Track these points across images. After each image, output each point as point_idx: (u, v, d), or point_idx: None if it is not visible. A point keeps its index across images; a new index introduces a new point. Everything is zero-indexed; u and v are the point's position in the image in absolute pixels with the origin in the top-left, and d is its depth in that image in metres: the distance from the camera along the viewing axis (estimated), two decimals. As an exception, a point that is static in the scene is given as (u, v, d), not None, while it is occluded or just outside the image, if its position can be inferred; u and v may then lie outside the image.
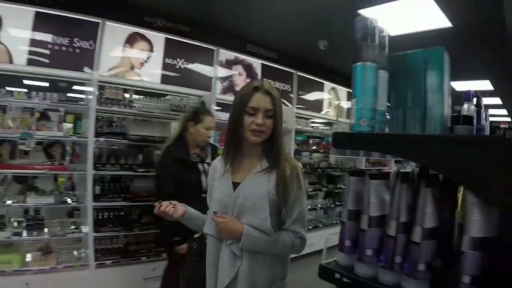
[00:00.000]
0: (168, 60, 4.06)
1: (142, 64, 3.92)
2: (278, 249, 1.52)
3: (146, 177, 3.76)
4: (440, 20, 3.40)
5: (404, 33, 3.71)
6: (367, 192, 0.97)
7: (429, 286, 0.84)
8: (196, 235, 1.80)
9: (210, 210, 1.63)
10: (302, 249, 1.59)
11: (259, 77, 4.95)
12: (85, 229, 3.44)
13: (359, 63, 0.94)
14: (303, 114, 5.85)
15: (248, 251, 1.50)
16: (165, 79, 4.07)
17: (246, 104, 1.53)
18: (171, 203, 1.64)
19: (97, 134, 3.52)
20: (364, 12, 3.29)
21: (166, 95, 4.30)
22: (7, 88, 3.34)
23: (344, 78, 6.37)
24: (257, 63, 4.94)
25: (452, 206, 0.88)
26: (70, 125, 3.82)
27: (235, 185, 1.57)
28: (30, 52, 3.29)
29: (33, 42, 3.29)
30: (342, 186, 6.32)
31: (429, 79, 0.92)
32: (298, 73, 5.59)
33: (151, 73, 3.99)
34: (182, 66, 4.17)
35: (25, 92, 3.37)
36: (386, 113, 0.99)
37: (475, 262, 0.73)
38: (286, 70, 5.41)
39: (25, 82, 5.48)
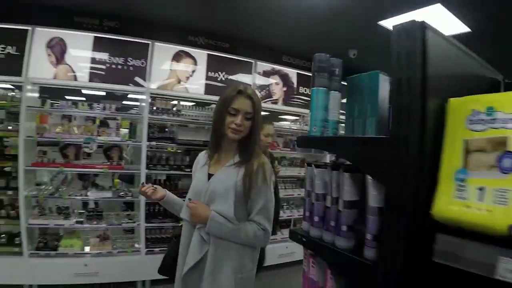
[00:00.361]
0: (210, 74, 4.50)
1: (187, 77, 4.40)
2: (240, 237, 1.60)
3: (190, 175, 4.20)
4: (458, 25, 3.45)
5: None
6: (313, 176, 1.24)
7: (353, 243, 1.08)
8: (180, 224, 1.90)
9: (186, 197, 1.75)
10: (266, 241, 1.67)
11: (295, 85, 5.21)
12: (138, 220, 3.91)
13: (314, 88, 1.23)
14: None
15: (216, 237, 1.60)
16: (208, 90, 4.50)
17: (229, 105, 1.63)
18: (152, 185, 1.80)
19: (150, 139, 4.01)
20: (384, 23, 3.45)
21: (210, 104, 4.71)
22: (68, 97, 3.95)
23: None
24: (293, 73, 5.20)
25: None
26: (126, 131, 4.35)
27: (210, 176, 1.70)
28: (91, 70, 3.92)
29: (93, 62, 3.92)
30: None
31: (380, 93, 1.16)
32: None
33: (196, 85, 4.45)
34: (224, 78, 4.59)
35: (88, 103, 4.00)
36: (337, 122, 1.26)
37: (374, 225, 0.98)
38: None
39: (86, 93, 6.16)
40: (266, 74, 4.95)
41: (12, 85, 3.91)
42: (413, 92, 0.83)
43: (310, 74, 1.19)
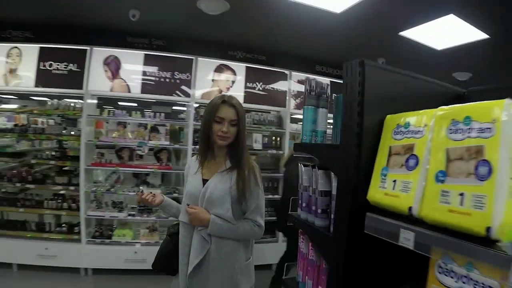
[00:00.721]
0: (249, 84, 4.95)
1: (228, 88, 4.88)
2: (239, 234, 1.78)
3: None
4: (476, 33, 3.56)
5: (452, 46, 3.93)
6: (302, 173, 1.58)
7: (327, 223, 1.40)
8: (174, 223, 2.05)
9: (183, 202, 1.87)
10: (261, 234, 1.86)
11: (329, 93, 5.36)
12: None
13: (304, 106, 1.57)
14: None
15: (215, 236, 1.75)
16: (247, 99, 4.94)
17: (215, 114, 1.77)
18: (151, 192, 1.92)
19: (195, 143, 4.47)
20: (405, 33, 3.65)
21: (249, 111, 5.08)
22: (122, 104, 4.53)
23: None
24: (326, 81, 5.36)
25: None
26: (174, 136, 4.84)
27: (204, 181, 1.82)
28: (143, 83, 4.50)
29: (144, 75, 4.49)
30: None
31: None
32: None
33: (236, 95, 4.87)
34: (261, 88, 5.00)
35: (140, 112, 4.58)
36: (325, 132, 1.58)
37: (322, 202, 1.32)
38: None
39: (139, 100, 6.76)
40: (301, 83, 5.26)
41: (74, 96, 4.57)
42: (353, 112, 1.15)
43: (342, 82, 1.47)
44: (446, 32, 3.59)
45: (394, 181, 1.04)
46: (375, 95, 1.16)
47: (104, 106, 4.74)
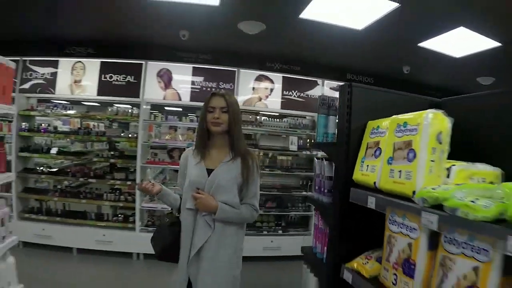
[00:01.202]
0: (285, 92, 5.45)
1: (267, 96, 5.42)
2: (241, 218, 1.94)
3: (270, 174, 5.26)
4: (487, 42, 3.82)
5: (468, 54, 4.24)
6: (315, 164, 2.10)
7: (330, 200, 1.91)
8: (167, 212, 2.17)
9: (186, 190, 1.94)
10: (256, 217, 2.02)
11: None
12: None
13: (318, 114, 2.06)
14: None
15: (218, 222, 1.88)
16: (284, 105, 5.46)
17: (207, 105, 1.94)
18: (150, 181, 1.97)
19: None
20: (424, 44, 4.01)
21: (286, 116, 5.64)
22: (170, 109, 5.18)
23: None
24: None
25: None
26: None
27: (208, 170, 1.93)
28: (192, 92, 5.15)
29: (193, 85, 5.15)
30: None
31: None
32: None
33: (273, 102, 5.43)
34: (296, 95, 5.49)
35: (189, 118, 5.25)
36: (335, 133, 2.04)
37: (328, 185, 1.83)
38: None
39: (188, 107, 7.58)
40: (332, 90, 5.69)
41: (130, 104, 5.28)
42: (344, 119, 1.66)
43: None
44: (460, 42, 3.87)
45: (368, 165, 1.54)
46: (359, 107, 1.66)
47: (153, 111, 5.42)
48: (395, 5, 3.17)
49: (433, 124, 1.25)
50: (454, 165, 1.26)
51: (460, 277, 1.00)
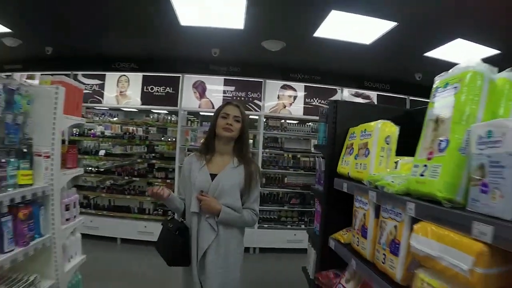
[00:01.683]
0: (307, 100, 5.99)
1: (290, 103, 5.98)
2: (243, 221, 2.01)
3: (294, 174, 5.79)
4: (486, 50, 4.14)
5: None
6: (316, 161, 2.66)
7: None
8: (168, 218, 2.21)
9: (191, 195, 2.00)
10: (256, 222, 2.12)
11: (376, 103, 6.20)
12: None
13: (319, 122, 2.59)
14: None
15: (221, 225, 1.94)
16: (306, 111, 5.99)
17: (221, 111, 2.04)
18: (159, 187, 1.98)
19: (264, 147, 5.67)
20: (429, 54, 4.41)
21: (308, 121, 6.11)
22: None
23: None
24: (373, 94, 6.24)
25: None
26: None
27: (212, 175, 1.99)
28: (223, 101, 5.70)
29: (224, 95, 5.78)
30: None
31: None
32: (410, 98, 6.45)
33: (297, 109, 5.98)
34: (318, 102, 6.00)
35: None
36: None
37: (322, 177, 2.40)
38: (399, 97, 6.42)
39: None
40: (351, 96, 6.16)
41: (169, 112, 6.00)
42: (331, 127, 2.21)
43: (387, 94, 2.23)
44: (461, 51, 4.17)
45: (345, 161, 2.07)
46: (343, 117, 2.21)
47: (189, 117, 6.13)
48: (394, 24, 3.65)
49: (382, 130, 1.78)
50: (400, 159, 1.79)
51: (388, 233, 1.49)
